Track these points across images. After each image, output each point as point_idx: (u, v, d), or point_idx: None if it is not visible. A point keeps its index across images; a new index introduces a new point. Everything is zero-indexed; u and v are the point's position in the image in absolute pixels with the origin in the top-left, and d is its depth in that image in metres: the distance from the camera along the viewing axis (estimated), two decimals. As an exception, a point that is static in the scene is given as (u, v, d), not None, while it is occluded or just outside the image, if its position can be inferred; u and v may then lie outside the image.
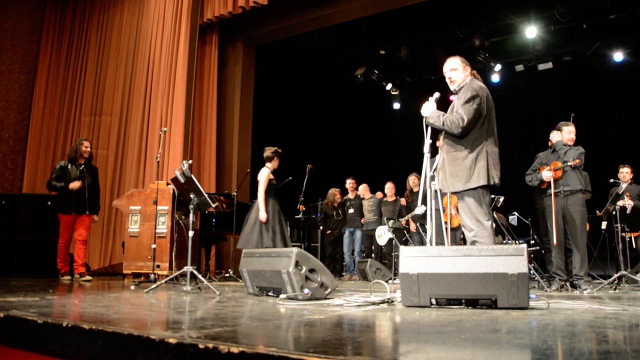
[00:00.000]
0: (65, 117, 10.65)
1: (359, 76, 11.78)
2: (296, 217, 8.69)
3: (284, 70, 12.08)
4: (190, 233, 5.12)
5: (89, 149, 7.40)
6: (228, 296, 4.65)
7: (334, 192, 9.33)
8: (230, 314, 3.19)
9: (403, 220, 7.91)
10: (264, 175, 6.55)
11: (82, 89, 10.70)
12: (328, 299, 4.23)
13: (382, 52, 11.83)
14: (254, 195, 9.05)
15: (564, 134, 5.87)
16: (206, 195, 5.29)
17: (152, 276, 6.25)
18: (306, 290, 4.11)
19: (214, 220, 8.06)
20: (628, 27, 10.10)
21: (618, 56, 10.45)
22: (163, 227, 6.96)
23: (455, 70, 4.26)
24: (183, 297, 4.51)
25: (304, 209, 8.60)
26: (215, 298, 4.40)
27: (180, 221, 6.74)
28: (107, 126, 10.27)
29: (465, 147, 4.06)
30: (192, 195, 5.24)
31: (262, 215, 6.34)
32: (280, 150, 6.75)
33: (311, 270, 4.24)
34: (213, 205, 5.67)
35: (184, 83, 9.39)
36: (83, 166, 7.27)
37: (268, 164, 6.71)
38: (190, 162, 5.51)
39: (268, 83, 11.63)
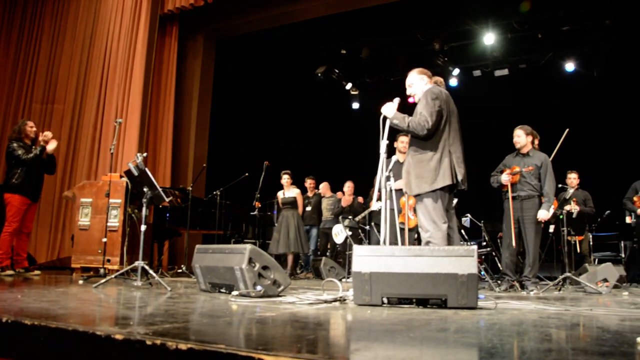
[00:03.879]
0: (14, 104, 10.28)
1: (319, 74, 11.80)
2: (252, 213, 8.64)
3: (245, 65, 11.99)
4: (143, 227, 5.03)
5: (34, 129, 7.02)
6: (179, 292, 4.59)
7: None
8: (181, 310, 3.15)
9: (358, 218, 7.98)
10: None
11: (34, 76, 10.35)
12: (281, 296, 4.23)
13: (343, 51, 11.88)
14: (209, 191, 8.98)
15: (528, 138, 6.03)
16: (160, 189, 5.20)
17: (101, 271, 6.09)
18: (259, 287, 4.09)
19: (168, 214, 7.94)
20: (579, 39, 10.46)
21: (569, 66, 10.80)
22: (115, 220, 6.79)
23: (411, 86, 4.45)
24: (133, 292, 4.43)
25: (260, 205, 8.55)
26: (167, 294, 4.34)
27: (133, 215, 6.60)
28: (59, 115, 9.97)
29: (430, 149, 4.15)
30: (145, 189, 5.15)
31: None
32: None
33: (264, 268, 4.23)
34: (167, 200, 5.57)
35: (142, 74, 9.21)
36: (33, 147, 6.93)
37: None
38: (144, 154, 5.40)
39: (228, 78, 11.52)
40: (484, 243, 7.34)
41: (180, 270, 8.06)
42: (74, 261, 7.01)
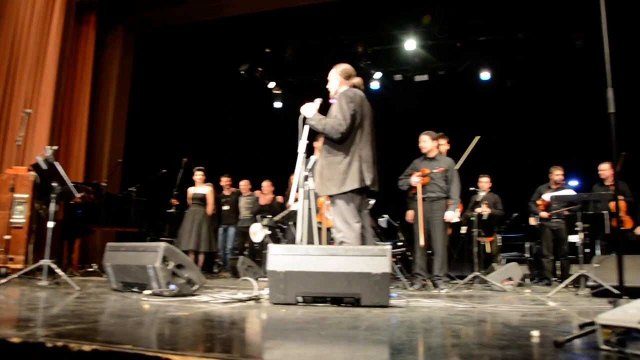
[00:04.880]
0: None
1: (242, 72, 11.70)
2: (168, 211, 8.44)
3: (167, 60, 11.68)
4: (50, 224, 4.80)
5: None
6: (89, 292, 4.42)
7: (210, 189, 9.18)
8: (89, 311, 3.04)
9: (277, 217, 7.98)
10: None
11: None
12: (195, 295, 4.16)
13: (268, 50, 11.83)
14: (125, 187, 8.68)
15: (434, 143, 6.24)
16: (71, 184, 4.97)
17: (2, 270, 5.74)
18: (172, 286, 4.02)
19: (79, 211, 7.60)
20: (495, 50, 10.97)
21: (485, 75, 11.30)
22: (20, 216, 6.41)
23: (330, 81, 4.50)
24: (37, 293, 4.21)
25: (177, 203, 8.36)
26: (75, 294, 4.16)
27: (41, 211, 6.27)
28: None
29: (341, 151, 4.20)
30: (54, 184, 4.91)
31: None
32: None
33: (179, 266, 4.15)
34: (78, 195, 5.34)
35: (55, 63, 8.75)
36: None
37: None
38: (55, 148, 5.14)
39: (149, 72, 11.18)
40: (400, 243, 7.54)
41: (91, 269, 7.75)
42: (-28, 260, 6.55)
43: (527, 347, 2.10)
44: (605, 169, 7.29)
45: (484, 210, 7.36)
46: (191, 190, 8.45)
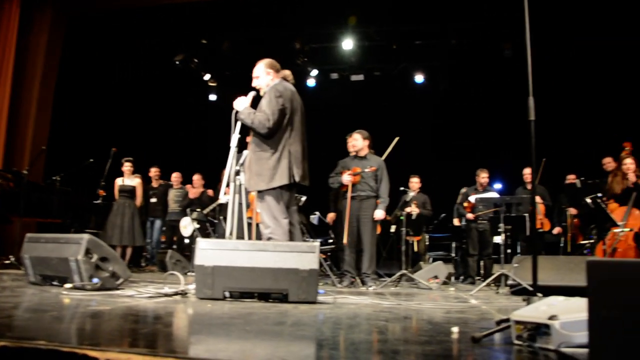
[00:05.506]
0: None
1: (177, 62, 11.43)
2: (95, 202, 8.13)
3: (99, 46, 11.23)
4: (-37, 212, 4.52)
5: None
6: (4, 285, 4.21)
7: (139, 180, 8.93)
8: (2, 305, 2.89)
9: (207, 211, 7.87)
10: None
11: None
12: (119, 289, 4.05)
13: (204, 41, 11.61)
14: (47, 175, 8.30)
15: (365, 142, 6.32)
16: (-13, 171, 4.71)
17: None
18: (95, 280, 3.88)
19: (-4, 199, 7.20)
20: (429, 54, 11.25)
21: (419, 78, 11.57)
22: None
23: (258, 77, 4.42)
24: (-54, 284, 3.97)
25: (104, 194, 8.06)
26: (-13, 287, 3.95)
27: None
28: None
29: (270, 146, 4.16)
30: (-31, 170, 4.63)
31: None
32: None
33: (103, 259, 4.02)
34: (-6, 183, 5.06)
35: (-27, 42, 8.25)
36: None
37: None
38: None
39: (79, 57, 10.71)
40: (331, 240, 7.60)
41: (8, 262, 7.35)
42: None
43: (447, 342, 2.16)
44: (528, 173, 7.63)
45: (413, 210, 7.53)
46: (119, 182, 8.19)
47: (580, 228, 7.70)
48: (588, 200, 6.09)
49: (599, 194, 6.09)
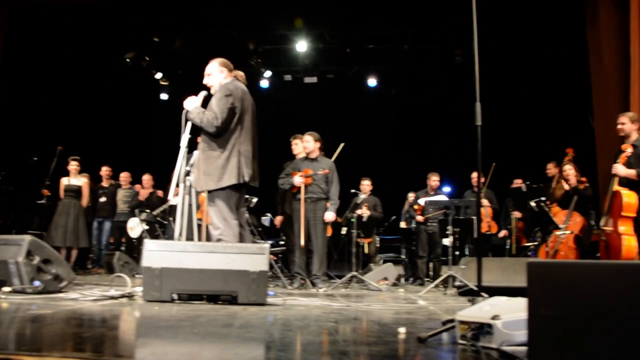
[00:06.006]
0: None
1: (128, 60, 11.17)
2: (39, 202, 7.87)
3: (45, 41, 10.85)
4: None
5: None
6: (-63, 288, 4.00)
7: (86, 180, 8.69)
8: None
9: (156, 212, 7.73)
10: None
11: None
12: (63, 292, 3.93)
13: (156, 39, 11.40)
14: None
15: (316, 144, 6.34)
16: None
17: None
18: (37, 283, 3.75)
19: None
20: (382, 58, 11.39)
21: (372, 82, 11.70)
22: None
23: (210, 75, 4.38)
24: None
25: (48, 193, 7.81)
26: None
27: None
28: None
29: (219, 146, 4.12)
30: None
31: None
32: None
33: (45, 261, 3.89)
34: None
35: None
36: None
37: None
38: None
39: (24, 52, 10.32)
40: (282, 242, 7.59)
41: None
42: None
43: (394, 343, 2.19)
44: (476, 177, 7.82)
45: (364, 212, 7.59)
46: (65, 181, 7.94)
47: (524, 231, 7.93)
48: (532, 203, 6.30)
49: (543, 198, 6.31)
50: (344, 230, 7.70)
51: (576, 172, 6.34)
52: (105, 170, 8.97)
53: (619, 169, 5.12)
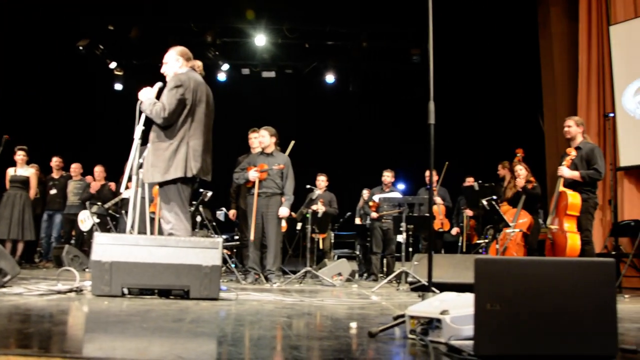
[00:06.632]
0: None
1: (81, 47, 10.84)
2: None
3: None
4: None
5: None
6: None
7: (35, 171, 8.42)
8: None
9: (108, 205, 7.56)
10: None
11: None
12: (6, 287, 3.80)
13: (111, 27, 11.12)
14: None
15: (272, 139, 6.33)
16: None
17: None
18: (-22, 276, 3.62)
19: None
20: (340, 55, 11.44)
21: (330, 78, 11.74)
22: None
23: (167, 64, 4.29)
24: None
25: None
26: None
27: None
28: None
29: (168, 138, 4.02)
30: None
31: None
32: None
33: (-12, 254, 3.75)
34: None
35: None
36: None
37: None
38: None
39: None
40: (237, 237, 7.54)
41: None
42: None
43: (345, 337, 2.21)
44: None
45: (319, 207, 7.62)
46: (11, 172, 7.67)
47: (476, 229, 8.12)
48: (484, 202, 6.45)
49: (494, 197, 6.47)
50: (298, 226, 7.71)
51: (527, 172, 6.52)
52: (55, 161, 8.71)
53: (565, 171, 5.36)
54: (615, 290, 1.82)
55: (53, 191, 8.45)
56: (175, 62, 4.24)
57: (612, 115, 7.11)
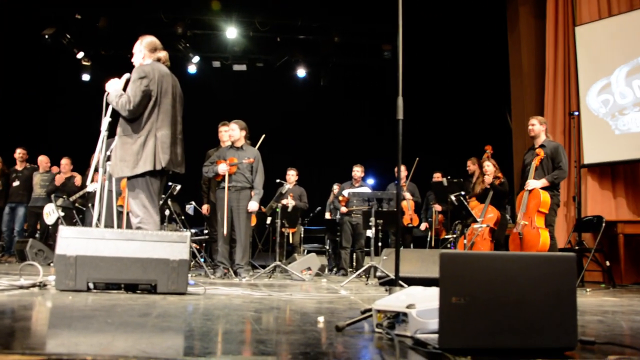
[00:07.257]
0: None
1: (46, 36, 10.57)
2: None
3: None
4: None
5: None
6: None
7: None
8: None
9: (73, 198, 7.43)
10: None
11: None
12: (-34, 281, 3.70)
13: (78, 16, 10.87)
14: None
15: (242, 133, 6.30)
16: None
17: None
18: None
19: None
20: (312, 49, 11.43)
21: (301, 72, 11.73)
22: None
23: (134, 54, 4.25)
24: None
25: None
26: None
27: None
28: None
29: (134, 131, 3.97)
30: None
31: None
32: None
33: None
34: None
35: None
36: None
37: None
38: None
39: None
40: (206, 231, 7.49)
41: None
42: None
43: (312, 331, 2.22)
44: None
45: (289, 202, 7.62)
46: None
47: (444, 224, 8.22)
48: (452, 197, 6.53)
49: (463, 192, 6.56)
50: (268, 220, 7.69)
51: (495, 168, 6.63)
52: (19, 153, 8.51)
53: (533, 184, 5.63)
54: (576, 283, 1.87)
55: (16, 183, 8.25)
56: (139, 54, 4.19)
57: (577, 113, 7.28)
